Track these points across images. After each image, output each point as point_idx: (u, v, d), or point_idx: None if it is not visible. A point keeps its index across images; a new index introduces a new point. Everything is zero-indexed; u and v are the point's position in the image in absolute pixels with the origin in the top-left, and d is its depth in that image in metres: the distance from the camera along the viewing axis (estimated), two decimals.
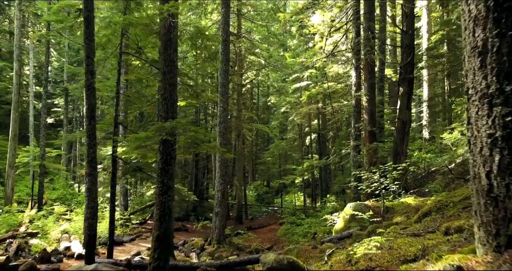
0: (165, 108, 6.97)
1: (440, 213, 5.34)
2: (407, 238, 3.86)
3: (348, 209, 8.77)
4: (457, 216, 4.79)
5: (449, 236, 3.41)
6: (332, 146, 27.03)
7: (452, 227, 3.55)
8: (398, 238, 4.10)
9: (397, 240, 3.91)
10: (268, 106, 39.54)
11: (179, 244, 14.17)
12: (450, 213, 5.05)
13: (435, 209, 5.58)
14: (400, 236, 4.21)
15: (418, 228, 4.73)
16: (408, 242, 3.58)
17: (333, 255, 4.83)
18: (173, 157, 7.00)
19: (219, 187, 14.32)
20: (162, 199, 6.83)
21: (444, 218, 4.95)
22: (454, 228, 3.50)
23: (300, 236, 16.13)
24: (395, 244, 3.62)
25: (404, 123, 12.26)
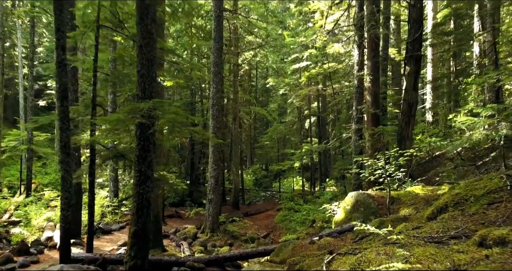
0: (141, 87, 6.08)
1: (459, 209, 4.53)
2: (428, 248, 3.05)
3: (349, 198, 7.99)
4: (482, 215, 3.98)
5: (486, 249, 2.61)
6: (332, 129, 26.19)
7: (490, 237, 2.74)
8: (414, 245, 3.29)
9: (414, 248, 3.11)
10: (267, 88, 38.50)
11: (171, 233, 13.50)
12: (473, 210, 4.24)
13: (452, 203, 4.77)
14: (416, 241, 3.40)
15: (436, 229, 3.92)
16: (430, 255, 2.78)
17: (333, 262, 4.04)
18: (152, 143, 6.16)
19: (213, 173, 13.55)
20: (139, 190, 6.02)
21: (466, 217, 4.14)
22: (494, 238, 2.69)
23: (298, 223, 15.48)
24: (413, 257, 2.81)
25: (410, 105, 11.37)
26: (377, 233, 5.83)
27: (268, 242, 13.92)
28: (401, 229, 4.41)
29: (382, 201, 7.62)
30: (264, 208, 20.62)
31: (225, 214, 15.88)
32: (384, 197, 7.66)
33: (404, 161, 7.74)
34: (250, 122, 29.41)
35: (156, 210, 10.57)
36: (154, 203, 10.44)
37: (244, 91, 27.97)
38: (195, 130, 6.74)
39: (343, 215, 7.98)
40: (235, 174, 20.63)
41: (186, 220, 16.15)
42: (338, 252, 4.36)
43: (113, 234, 13.14)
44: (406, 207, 6.96)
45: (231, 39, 20.05)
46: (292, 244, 6.77)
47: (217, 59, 13.57)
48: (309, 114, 26.35)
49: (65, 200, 7.34)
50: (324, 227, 11.99)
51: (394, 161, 7.74)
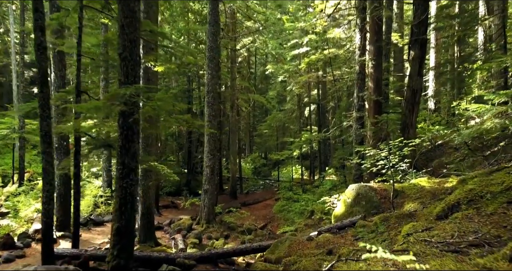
0: (124, 72, 5.54)
1: (474, 208, 4.05)
2: (445, 259, 2.57)
3: (350, 191, 7.53)
4: (503, 216, 3.50)
5: None
6: (332, 117, 25.64)
7: None
8: (428, 255, 2.81)
9: (429, 260, 2.63)
10: (266, 76, 37.73)
11: (165, 224, 13.10)
12: (490, 210, 3.76)
13: (465, 200, 4.29)
14: (430, 249, 2.92)
15: (450, 231, 3.44)
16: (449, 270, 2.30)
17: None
18: (136, 132, 5.65)
19: (208, 162, 13.08)
20: (122, 184, 5.54)
21: (483, 217, 3.66)
22: None
23: (297, 214, 15.09)
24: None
25: (415, 92, 10.82)
26: (381, 231, 5.39)
27: (265, 233, 13.53)
28: (409, 230, 3.93)
29: (385, 194, 7.15)
30: (262, 198, 20.23)
31: (222, 205, 15.47)
32: (387, 190, 7.19)
33: (409, 151, 7.23)
34: (248, 110, 28.82)
35: (148, 201, 10.13)
36: (145, 194, 10.01)
37: (242, 78, 27.33)
38: (185, 119, 6.24)
39: (343, 209, 7.52)
40: (233, 163, 20.19)
41: (182, 210, 15.77)
42: (339, 258, 3.89)
43: (105, 225, 12.74)
44: (411, 201, 6.49)
45: (228, 23, 19.33)
46: (289, 241, 6.33)
47: (213, 43, 12.95)
48: (308, 102, 25.77)
49: (47, 193, 6.87)
50: (323, 219, 11.61)
51: (397, 151, 7.23)
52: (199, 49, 22.91)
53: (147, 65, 9.53)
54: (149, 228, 10.21)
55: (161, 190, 21.80)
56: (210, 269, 6.90)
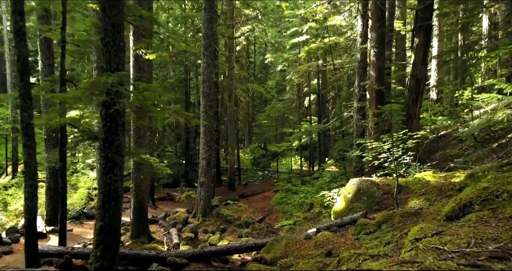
0: (107, 58, 5.09)
1: (489, 209, 3.66)
2: None
3: (351, 186, 7.14)
4: None
5: None
6: (332, 107, 25.16)
7: None
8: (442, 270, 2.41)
9: None
10: (265, 65, 37.14)
11: (160, 218, 12.74)
12: (509, 212, 3.36)
13: (478, 200, 3.89)
14: (444, 263, 2.52)
15: (464, 237, 3.05)
16: None
17: None
18: (120, 124, 5.22)
19: (204, 154, 12.67)
20: (106, 180, 5.14)
21: (501, 221, 3.26)
22: None
23: (295, 207, 14.76)
24: None
25: (418, 81, 10.38)
26: (384, 231, 5.00)
27: (263, 226, 13.21)
28: (417, 234, 3.53)
29: (387, 189, 6.76)
30: (261, 189, 19.89)
31: (219, 197, 15.12)
32: (390, 185, 6.80)
33: (413, 144, 6.83)
34: (247, 100, 28.33)
35: (141, 195, 9.75)
36: (138, 188, 9.65)
37: (241, 68, 26.77)
38: (174, 110, 5.80)
39: (343, 204, 7.14)
40: (231, 154, 19.80)
41: (178, 203, 15.41)
42: (339, 263, 3.50)
43: None
44: (415, 197, 6.10)
45: (225, 10, 18.73)
46: (286, 239, 5.96)
47: (208, 31, 12.42)
48: (308, 92, 25.27)
49: (29, 188, 6.49)
50: (322, 213, 11.25)
51: (401, 144, 6.81)
52: (197, 38, 22.32)
53: (138, 53, 9.05)
54: (142, 223, 9.85)
55: (158, 182, 21.50)
56: (202, 268, 6.55)
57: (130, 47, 9.57)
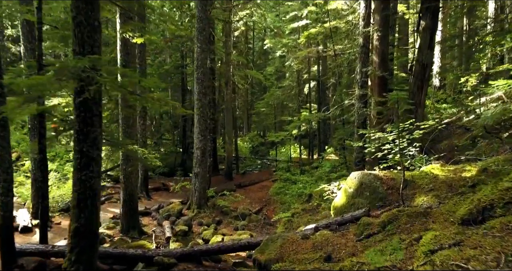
0: (79, 40, 4.51)
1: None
2: None
3: (352, 180, 6.63)
4: None
5: None
6: (332, 94, 24.53)
7: None
8: None
9: None
10: (265, 51, 36.33)
11: (153, 209, 12.30)
12: None
13: (501, 203, 3.38)
14: None
15: (490, 251, 2.55)
16: None
17: None
18: (97, 114, 4.68)
19: (199, 144, 12.16)
20: (81, 176, 4.62)
21: None
22: None
23: (294, 197, 14.32)
24: None
25: (424, 66, 9.79)
26: (390, 232, 4.51)
27: (260, 218, 12.79)
28: (431, 243, 3.03)
29: (392, 184, 6.25)
30: (259, 179, 19.43)
31: (214, 188, 14.66)
32: (395, 179, 6.29)
33: (420, 135, 6.29)
34: (245, 87, 27.67)
35: (130, 187, 9.28)
36: (127, 180, 9.18)
37: (240, 54, 26.02)
38: (158, 98, 5.24)
39: (344, 200, 6.65)
40: (228, 143, 19.27)
41: (173, 193, 14.97)
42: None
43: None
44: (423, 193, 5.60)
45: None
46: (281, 239, 5.47)
47: (202, 13, 11.75)
48: (308, 79, 24.61)
49: (4, 184, 5.99)
50: (321, 205, 10.80)
51: (407, 134, 6.27)
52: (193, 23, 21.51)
53: (125, 37, 8.44)
54: (132, 216, 9.42)
55: (154, 171, 21.03)
56: (192, 268, 6.10)
57: (117, 31, 8.96)
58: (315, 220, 10.65)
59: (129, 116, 9.06)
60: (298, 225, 10.60)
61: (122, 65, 8.97)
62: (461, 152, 9.50)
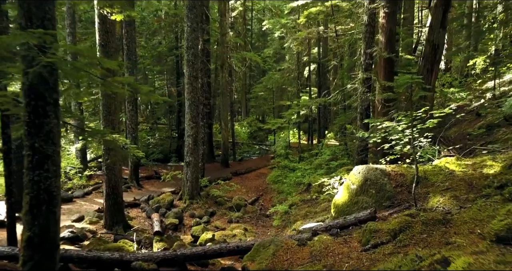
0: (25, 11, 3.67)
1: None
2: None
3: (356, 175, 5.88)
4: None
5: None
6: (333, 77, 23.62)
7: None
8: None
9: None
10: (263, 32, 35.13)
11: (142, 200, 11.61)
12: None
13: None
14: None
15: None
16: None
17: None
18: (51, 103, 3.88)
19: (190, 131, 11.38)
20: (33, 177, 3.85)
21: None
22: None
23: (291, 186, 13.64)
24: None
25: (435, 47, 8.92)
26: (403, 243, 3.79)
27: (256, 209, 12.14)
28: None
29: (401, 180, 5.50)
30: (256, 166, 18.76)
31: (208, 178, 13.95)
32: (405, 175, 5.53)
33: (434, 124, 5.51)
34: (243, 70, 26.68)
35: (114, 179, 8.54)
36: (110, 171, 8.44)
37: (238, 35, 24.96)
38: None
39: (346, 197, 5.91)
40: (224, 129, 18.49)
41: (166, 182, 14.25)
42: None
43: (74, 202, 11.27)
44: (438, 193, 4.85)
45: None
46: (274, 246, 4.75)
47: None
48: (308, 61, 23.63)
49: None
50: (320, 198, 10.09)
51: (420, 123, 5.49)
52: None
53: (102, 13, 7.55)
54: (117, 210, 8.71)
55: (148, 157, 20.32)
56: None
57: (95, 6, 8.05)
58: (314, 212, 9.99)
59: (111, 103, 8.25)
60: (295, 219, 9.94)
61: (100, 46, 8.11)
62: (474, 141, 8.74)
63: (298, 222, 8.92)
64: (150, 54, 21.23)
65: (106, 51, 8.13)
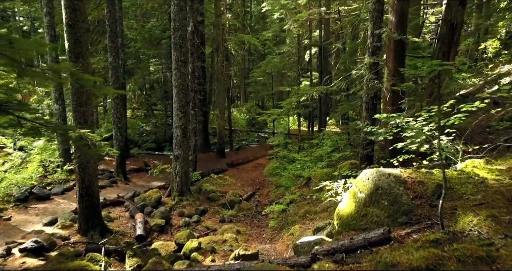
0: None
1: None
2: None
3: (364, 181, 4.88)
4: None
5: None
6: (335, 61, 22.40)
7: None
8: None
9: None
10: (263, 15, 33.65)
11: (127, 198, 10.67)
12: None
13: None
14: None
15: None
16: None
17: None
18: None
19: (178, 122, 10.37)
20: None
21: None
22: None
23: (290, 180, 12.69)
24: None
25: (453, 27, 7.79)
26: None
27: (251, 206, 11.24)
28: None
29: (420, 190, 4.49)
30: (254, 156, 17.81)
31: (199, 172, 12.92)
32: (425, 184, 4.52)
33: (462, 120, 4.50)
34: (240, 53, 25.44)
35: (88, 179, 7.57)
36: (83, 170, 7.47)
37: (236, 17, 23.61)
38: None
39: (352, 207, 4.93)
40: (220, 117, 17.44)
41: (156, 175, 13.31)
42: None
43: (52, 200, 10.34)
44: (468, 209, 3.85)
45: None
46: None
47: None
48: (309, 44, 22.35)
49: None
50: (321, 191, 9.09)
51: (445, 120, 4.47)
52: None
53: None
54: (92, 213, 7.77)
55: (140, 147, 19.38)
56: None
57: None
58: (314, 212, 9.04)
59: (82, 92, 7.20)
60: (293, 219, 9.01)
61: (67, 26, 7.01)
62: (495, 135, 7.72)
63: (296, 225, 8.00)
64: (141, 37, 19.97)
65: (74, 32, 7.04)
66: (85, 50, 7.34)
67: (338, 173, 9.87)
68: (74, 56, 7.16)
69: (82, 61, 7.22)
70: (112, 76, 12.32)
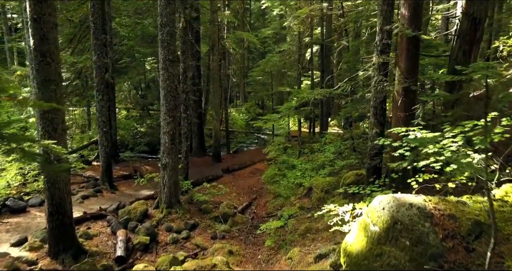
0: None
1: None
2: None
3: (378, 211, 3.92)
4: None
5: None
6: (337, 60, 21.43)
7: None
8: None
9: None
10: (263, 12, 32.70)
11: (109, 211, 9.72)
12: None
13: None
14: None
15: None
16: None
17: None
18: None
19: (166, 127, 9.43)
20: None
21: None
22: None
23: (290, 189, 11.73)
24: None
25: (476, 22, 6.85)
26: None
27: (247, 219, 10.32)
28: None
29: (451, 227, 3.53)
30: (252, 160, 16.88)
31: (190, 181, 11.97)
32: (457, 218, 3.57)
33: (503, 138, 3.58)
34: (240, 52, 24.47)
35: (58, 195, 6.65)
36: (52, 186, 6.55)
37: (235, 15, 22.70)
38: None
39: (363, 243, 3.98)
40: (216, 120, 16.49)
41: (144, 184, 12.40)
42: None
43: (27, 212, 9.43)
44: None
45: None
46: None
47: None
48: (310, 42, 21.37)
49: None
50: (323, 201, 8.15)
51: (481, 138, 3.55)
52: None
53: None
54: (63, 233, 6.85)
55: (133, 150, 18.46)
56: None
57: None
58: (316, 230, 8.08)
59: (50, 95, 6.27)
60: (292, 238, 8.05)
61: (32, 20, 6.08)
62: None
63: (295, 248, 7.06)
64: (134, 35, 19.02)
65: (40, 28, 6.11)
66: (54, 48, 6.41)
67: (342, 184, 8.94)
68: (41, 55, 6.23)
69: (49, 60, 6.30)
70: (97, 76, 11.38)
